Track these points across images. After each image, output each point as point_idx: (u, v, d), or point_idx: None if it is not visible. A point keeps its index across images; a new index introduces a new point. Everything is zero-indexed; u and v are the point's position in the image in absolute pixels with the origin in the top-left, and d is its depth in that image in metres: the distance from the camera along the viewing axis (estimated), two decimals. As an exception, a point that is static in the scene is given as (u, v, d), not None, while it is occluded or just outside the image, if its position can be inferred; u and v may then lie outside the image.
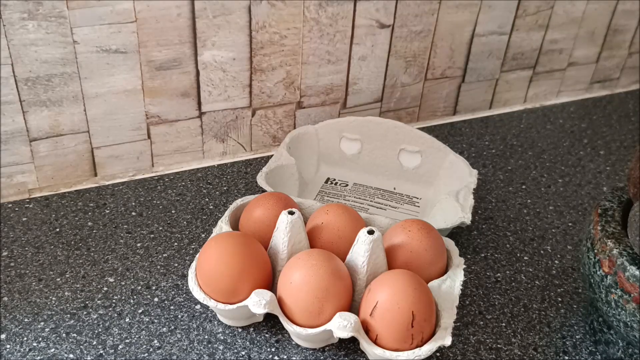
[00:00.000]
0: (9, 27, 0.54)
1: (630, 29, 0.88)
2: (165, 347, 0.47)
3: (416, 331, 0.44)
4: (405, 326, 0.43)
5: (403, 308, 0.43)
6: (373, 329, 0.44)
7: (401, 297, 0.44)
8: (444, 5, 0.73)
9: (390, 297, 0.44)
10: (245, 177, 0.68)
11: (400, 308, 0.43)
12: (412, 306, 0.43)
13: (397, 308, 0.43)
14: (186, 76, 0.64)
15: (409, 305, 0.43)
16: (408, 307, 0.43)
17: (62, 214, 0.60)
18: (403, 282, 0.44)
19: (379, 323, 0.44)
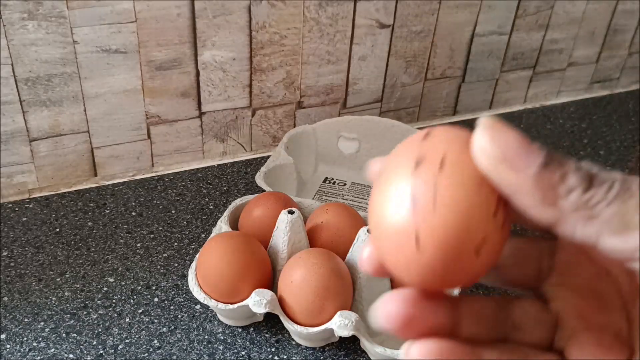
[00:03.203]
0: (9, 27, 0.54)
1: (630, 29, 0.88)
2: (165, 347, 0.47)
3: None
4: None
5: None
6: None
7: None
8: (444, 5, 0.73)
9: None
10: (246, 177, 0.68)
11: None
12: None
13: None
14: (186, 76, 0.64)
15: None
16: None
17: (62, 214, 0.60)
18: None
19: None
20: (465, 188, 0.18)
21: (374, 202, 0.20)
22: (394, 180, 0.19)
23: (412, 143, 0.20)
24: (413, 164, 0.19)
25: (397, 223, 0.19)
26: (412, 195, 0.18)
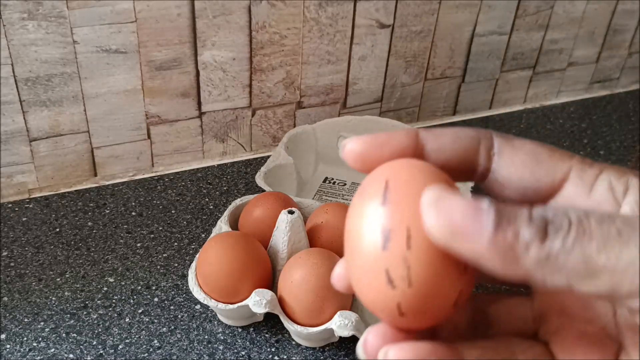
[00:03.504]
0: (9, 27, 0.54)
1: (630, 29, 0.88)
2: (165, 347, 0.47)
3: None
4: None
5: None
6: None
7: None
8: (444, 5, 0.73)
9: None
10: (245, 177, 0.68)
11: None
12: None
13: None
14: (186, 76, 0.64)
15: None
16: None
17: (62, 214, 0.60)
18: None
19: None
20: (436, 260, 0.19)
21: (351, 262, 0.21)
22: (365, 254, 0.20)
23: (373, 208, 0.20)
24: (381, 240, 0.19)
25: (378, 298, 0.20)
26: (387, 275, 0.19)
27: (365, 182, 0.21)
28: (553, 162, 0.22)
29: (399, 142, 0.22)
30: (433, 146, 0.22)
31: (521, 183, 0.22)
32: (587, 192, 0.21)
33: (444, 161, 0.22)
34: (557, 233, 0.17)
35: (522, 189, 0.22)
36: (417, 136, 0.22)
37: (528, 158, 0.22)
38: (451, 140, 0.22)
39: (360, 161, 0.22)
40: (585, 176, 0.21)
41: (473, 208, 0.18)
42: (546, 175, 0.22)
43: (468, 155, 0.22)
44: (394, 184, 0.20)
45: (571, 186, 0.21)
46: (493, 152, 0.22)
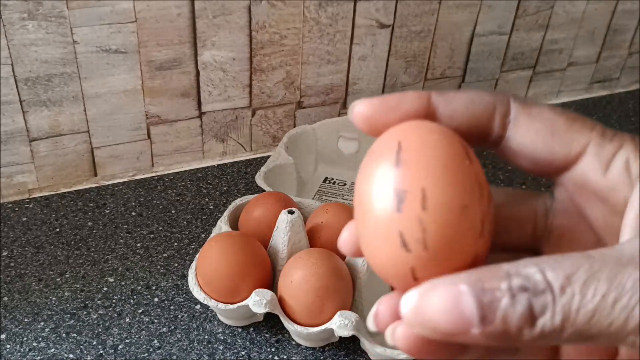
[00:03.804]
0: (9, 27, 0.54)
1: (630, 29, 0.88)
2: (165, 347, 0.47)
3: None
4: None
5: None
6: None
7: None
8: (444, 5, 0.73)
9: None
10: (245, 177, 0.68)
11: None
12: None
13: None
14: (186, 76, 0.64)
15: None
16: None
17: (62, 214, 0.60)
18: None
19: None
20: (451, 222, 0.19)
21: (362, 226, 0.20)
22: (378, 217, 0.19)
23: (385, 169, 0.20)
24: (394, 202, 0.19)
25: (391, 262, 0.19)
26: (401, 238, 0.19)
27: (376, 144, 0.21)
28: (570, 134, 0.20)
29: (410, 105, 0.21)
30: (445, 111, 0.21)
31: (534, 154, 0.21)
32: (603, 171, 0.20)
33: (455, 127, 0.21)
34: (543, 314, 0.17)
35: (535, 160, 0.21)
36: (429, 99, 0.21)
37: (544, 128, 0.21)
38: (465, 106, 0.21)
39: (369, 124, 0.21)
40: (602, 152, 0.20)
41: (454, 306, 0.17)
42: (561, 148, 0.21)
43: (482, 122, 0.21)
44: (407, 145, 0.20)
45: (587, 162, 0.20)
46: (508, 120, 0.21)
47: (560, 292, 0.17)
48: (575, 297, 0.17)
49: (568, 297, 0.17)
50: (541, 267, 0.17)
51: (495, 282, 0.17)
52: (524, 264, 0.18)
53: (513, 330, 0.17)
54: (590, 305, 0.17)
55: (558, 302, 0.17)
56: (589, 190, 0.21)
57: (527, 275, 0.17)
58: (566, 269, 0.17)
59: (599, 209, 0.21)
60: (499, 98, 0.21)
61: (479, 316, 0.17)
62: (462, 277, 0.18)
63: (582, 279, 0.17)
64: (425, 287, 0.18)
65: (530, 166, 0.21)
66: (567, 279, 0.17)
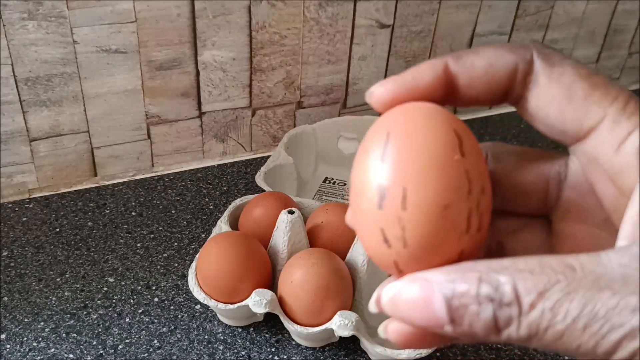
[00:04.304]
0: (9, 27, 0.54)
1: (630, 29, 0.88)
2: (165, 347, 0.47)
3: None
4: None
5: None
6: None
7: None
8: (444, 5, 0.73)
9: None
10: (245, 177, 0.68)
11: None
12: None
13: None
14: (186, 76, 0.64)
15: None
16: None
17: (62, 214, 0.60)
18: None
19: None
20: (431, 222, 0.19)
21: (352, 217, 0.21)
22: (363, 211, 0.20)
23: (371, 162, 0.20)
24: (377, 199, 0.19)
25: (377, 254, 0.20)
26: (383, 234, 0.19)
27: (369, 132, 0.21)
28: (586, 105, 0.19)
29: (427, 81, 0.21)
30: (464, 80, 0.21)
31: (547, 120, 0.20)
32: (614, 149, 0.19)
33: (476, 94, 0.21)
34: (508, 327, 0.17)
35: (549, 127, 0.20)
36: (446, 70, 0.21)
37: (561, 94, 0.20)
38: (484, 71, 0.20)
39: (391, 106, 0.21)
40: (617, 129, 0.19)
41: (426, 305, 0.18)
42: (574, 119, 0.20)
43: (502, 84, 0.21)
44: (395, 136, 0.19)
45: (599, 137, 0.19)
46: (529, 79, 0.20)
47: (530, 308, 0.17)
48: (545, 315, 0.16)
49: (537, 314, 0.16)
50: (514, 277, 0.17)
51: (466, 286, 0.17)
52: (499, 268, 0.17)
53: (479, 335, 0.17)
54: (559, 326, 0.16)
55: (525, 317, 0.17)
56: (599, 166, 0.20)
57: (497, 284, 0.17)
58: (539, 285, 0.17)
59: (608, 187, 0.20)
60: (521, 55, 0.20)
61: (448, 318, 0.17)
62: (438, 275, 0.18)
63: (554, 298, 0.16)
64: (403, 281, 0.19)
65: (545, 131, 0.21)
66: (539, 295, 0.16)
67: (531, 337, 0.17)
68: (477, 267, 0.18)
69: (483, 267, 0.17)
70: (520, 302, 0.17)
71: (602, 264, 0.17)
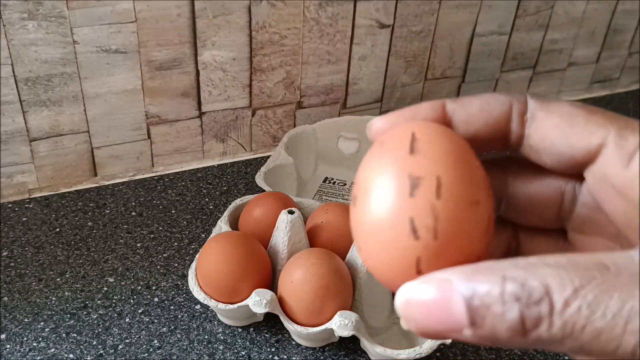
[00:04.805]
0: (9, 27, 0.54)
1: (630, 29, 0.88)
2: (165, 347, 0.47)
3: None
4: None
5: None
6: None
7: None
8: (444, 5, 0.73)
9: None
10: (245, 177, 0.68)
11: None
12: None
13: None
14: (186, 76, 0.64)
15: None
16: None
17: (62, 214, 0.60)
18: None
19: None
20: (463, 215, 0.18)
21: (367, 214, 0.19)
22: (387, 202, 0.19)
23: (399, 155, 0.19)
24: (408, 187, 0.18)
25: (397, 252, 0.18)
26: (412, 223, 0.18)
27: (387, 135, 0.20)
28: (589, 127, 0.20)
29: (425, 115, 0.21)
30: (461, 117, 0.21)
31: (555, 149, 0.20)
32: (624, 164, 0.19)
33: (474, 132, 0.21)
34: (537, 327, 0.16)
35: (557, 156, 0.20)
36: (444, 108, 0.21)
37: (562, 122, 0.20)
38: (480, 108, 0.21)
39: None
40: (624, 145, 0.19)
41: (444, 306, 0.17)
42: (580, 141, 0.20)
43: (499, 123, 0.21)
44: (422, 136, 0.19)
45: (607, 155, 0.19)
46: (526, 117, 0.21)
47: (564, 305, 0.16)
48: (582, 312, 0.16)
49: (574, 310, 0.16)
50: (544, 273, 0.16)
51: (488, 285, 0.16)
52: (525, 265, 0.16)
53: (503, 338, 0.16)
54: (598, 323, 0.16)
55: (559, 315, 0.16)
56: (608, 184, 0.20)
57: (523, 281, 0.16)
58: (575, 281, 0.16)
59: (619, 204, 0.20)
60: (516, 97, 0.21)
61: (468, 320, 0.16)
62: (457, 273, 0.17)
63: (593, 294, 0.16)
64: (419, 282, 0.18)
65: (553, 163, 0.21)
66: (575, 292, 0.16)
67: (565, 337, 0.16)
68: (499, 265, 0.17)
69: (507, 265, 0.17)
70: (552, 299, 0.16)
71: (634, 262, 0.16)
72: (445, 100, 0.21)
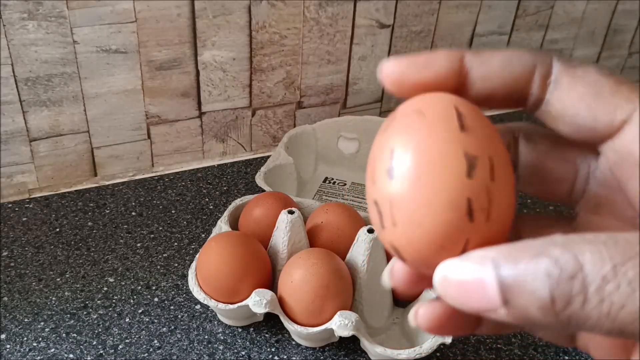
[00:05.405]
0: (9, 27, 0.54)
1: (630, 29, 0.88)
2: (165, 347, 0.47)
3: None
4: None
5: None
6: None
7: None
8: (444, 5, 0.73)
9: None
10: (245, 177, 0.68)
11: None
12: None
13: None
14: (186, 76, 0.64)
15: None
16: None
17: (62, 214, 0.60)
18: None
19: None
20: (509, 197, 0.18)
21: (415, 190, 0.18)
22: (445, 178, 0.18)
23: (450, 130, 0.18)
24: (465, 166, 0.18)
25: (446, 231, 0.18)
26: (469, 205, 0.18)
27: (423, 104, 0.19)
28: (615, 100, 0.19)
29: (441, 65, 0.20)
30: (479, 72, 0.20)
31: (576, 119, 0.19)
32: None
33: (490, 90, 0.20)
34: (570, 305, 0.15)
35: (577, 126, 0.20)
36: (462, 60, 0.20)
37: (587, 92, 0.19)
38: (501, 66, 0.20)
39: (398, 84, 0.20)
40: None
41: (478, 286, 0.17)
42: (605, 114, 0.19)
43: (519, 84, 0.20)
44: (465, 112, 0.19)
45: (632, 131, 0.19)
46: (549, 81, 0.20)
47: (602, 282, 0.15)
48: (622, 289, 0.15)
49: (612, 289, 0.15)
50: (581, 248, 0.15)
51: (521, 263, 0.16)
52: (563, 241, 0.16)
53: (535, 317, 0.16)
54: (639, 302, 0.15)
55: (597, 293, 0.15)
56: (631, 161, 0.19)
57: (556, 257, 0.16)
58: (616, 257, 0.15)
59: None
60: (540, 57, 0.20)
61: (501, 299, 0.16)
62: (494, 252, 0.17)
63: (634, 272, 0.15)
64: (455, 260, 0.18)
65: (570, 132, 0.20)
66: (614, 269, 0.15)
67: (602, 316, 0.15)
68: (537, 242, 0.16)
69: (544, 242, 0.16)
70: (587, 275, 0.15)
71: None
72: (464, 52, 0.20)
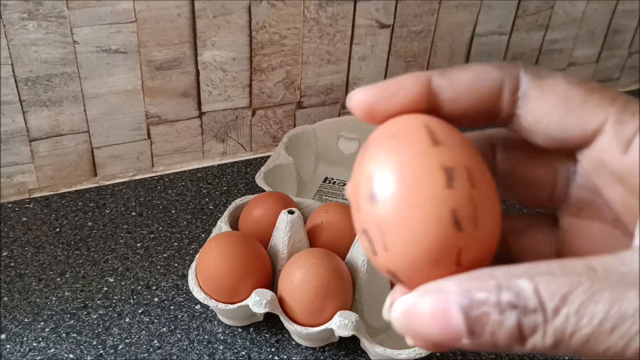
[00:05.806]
0: (9, 27, 0.54)
1: (630, 29, 0.88)
2: (165, 347, 0.47)
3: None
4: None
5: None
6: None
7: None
8: (444, 5, 0.73)
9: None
10: (245, 177, 0.68)
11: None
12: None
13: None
14: (186, 76, 0.64)
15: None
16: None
17: (62, 214, 0.60)
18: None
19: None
20: (493, 201, 0.18)
21: (398, 209, 0.18)
22: (426, 196, 0.18)
23: (423, 147, 0.18)
24: (444, 178, 0.18)
25: (438, 244, 0.18)
26: (454, 216, 0.18)
27: (394, 128, 0.20)
28: (586, 110, 0.19)
29: (409, 91, 0.20)
30: (447, 95, 0.20)
31: (548, 131, 0.19)
32: (622, 150, 0.18)
33: (461, 111, 0.20)
34: (533, 334, 0.16)
35: (550, 138, 0.20)
36: (429, 84, 0.20)
37: (557, 103, 0.19)
38: (468, 86, 0.20)
39: (369, 113, 0.20)
40: (622, 130, 0.18)
41: (442, 317, 0.17)
42: (576, 125, 0.19)
43: (489, 102, 0.20)
44: (435, 127, 0.19)
45: (604, 140, 0.19)
46: (518, 96, 0.20)
47: (554, 313, 0.16)
48: (570, 319, 0.16)
49: (562, 319, 0.16)
50: (535, 281, 0.16)
51: (484, 294, 0.16)
52: (519, 273, 0.17)
53: (502, 345, 0.17)
54: (585, 329, 0.16)
55: (550, 323, 0.16)
56: (606, 169, 0.19)
57: (518, 290, 0.16)
58: (563, 287, 0.16)
59: (617, 190, 0.19)
60: (507, 71, 0.20)
61: (466, 329, 0.17)
62: (452, 283, 0.17)
63: (579, 301, 0.16)
64: (415, 294, 0.18)
65: (544, 143, 0.20)
66: (562, 300, 0.16)
67: (557, 344, 0.16)
68: (494, 273, 0.17)
69: (501, 273, 0.17)
70: (545, 307, 0.16)
71: (625, 263, 0.16)
72: (431, 74, 0.20)
